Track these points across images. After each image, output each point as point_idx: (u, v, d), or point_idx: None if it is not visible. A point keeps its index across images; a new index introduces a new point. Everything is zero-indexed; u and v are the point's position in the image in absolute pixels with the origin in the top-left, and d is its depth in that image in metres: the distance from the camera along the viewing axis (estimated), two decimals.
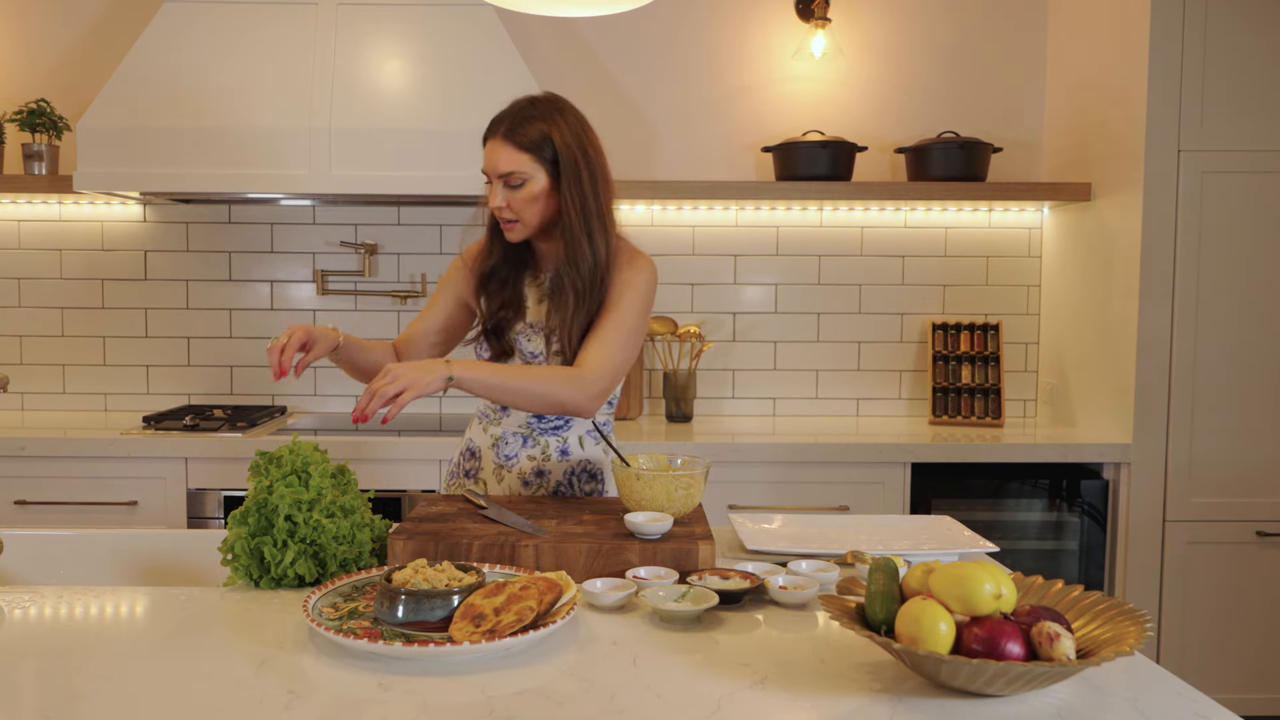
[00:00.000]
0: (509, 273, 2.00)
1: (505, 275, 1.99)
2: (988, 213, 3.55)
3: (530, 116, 1.88)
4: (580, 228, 1.88)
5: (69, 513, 2.92)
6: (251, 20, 3.08)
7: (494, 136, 1.89)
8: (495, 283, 1.99)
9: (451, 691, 1.16)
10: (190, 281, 3.48)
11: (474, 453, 2.05)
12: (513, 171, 1.86)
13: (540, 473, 1.99)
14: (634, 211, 3.51)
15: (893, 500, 3.00)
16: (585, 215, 1.88)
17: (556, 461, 2.00)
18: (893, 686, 1.18)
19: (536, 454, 1.99)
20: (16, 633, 1.37)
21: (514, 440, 2.00)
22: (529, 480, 1.99)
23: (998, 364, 3.46)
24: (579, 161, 1.88)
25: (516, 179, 1.87)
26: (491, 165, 1.88)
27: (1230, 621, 3.03)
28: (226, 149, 2.99)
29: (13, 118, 3.25)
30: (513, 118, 1.89)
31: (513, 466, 1.99)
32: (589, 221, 1.89)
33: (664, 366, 3.46)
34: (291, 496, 1.53)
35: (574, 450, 2.01)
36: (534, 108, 1.90)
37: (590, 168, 1.89)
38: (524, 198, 1.88)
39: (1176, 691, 1.18)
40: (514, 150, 1.86)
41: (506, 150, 1.86)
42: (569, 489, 2.01)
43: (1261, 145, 2.96)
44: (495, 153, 1.88)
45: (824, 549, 1.72)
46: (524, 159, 1.86)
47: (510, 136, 1.87)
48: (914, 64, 3.52)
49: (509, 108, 1.92)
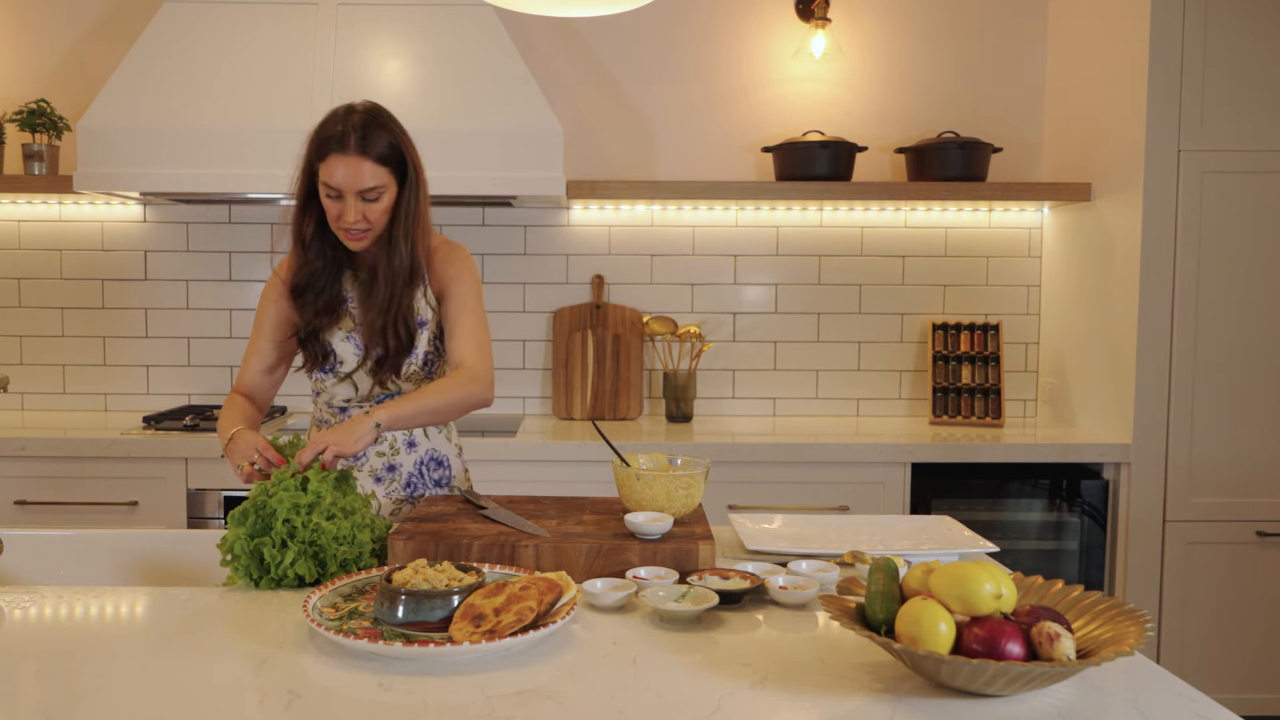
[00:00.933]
0: (328, 278, 1.98)
1: (324, 282, 1.97)
2: (988, 213, 3.56)
3: (374, 128, 1.86)
4: (405, 232, 1.92)
5: (69, 513, 2.92)
6: (251, 20, 3.08)
7: (346, 151, 1.83)
8: (312, 291, 1.97)
9: (451, 691, 1.16)
10: (190, 281, 3.48)
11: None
12: (375, 185, 1.85)
13: (391, 467, 2.00)
14: (634, 211, 3.51)
15: (893, 500, 3.00)
16: (414, 220, 1.93)
17: (405, 454, 2.01)
18: (893, 686, 1.18)
19: (385, 449, 2.00)
20: (16, 633, 1.37)
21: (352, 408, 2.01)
22: (381, 476, 1.99)
23: (998, 364, 3.46)
24: (418, 170, 1.92)
25: (375, 193, 1.86)
26: (351, 181, 1.84)
27: (1230, 621, 3.02)
28: (226, 149, 2.99)
29: (13, 118, 3.25)
30: (360, 130, 1.85)
31: (363, 466, 1.99)
32: (415, 226, 1.93)
33: (664, 366, 3.46)
34: (290, 500, 1.54)
35: (420, 440, 2.02)
36: (375, 118, 1.88)
37: (421, 174, 1.93)
38: (381, 208, 1.88)
39: (1176, 691, 1.18)
40: (374, 165, 1.84)
41: (368, 165, 1.84)
42: (419, 479, 2.02)
43: (1261, 145, 2.96)
44: (355, 168, 1.83)
45: (824, 549, 1.72)
46: (383, 172, 1.86)
47: (368, 151, 1.84)
48: (914, 64, 3.52)
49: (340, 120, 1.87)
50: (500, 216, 3.49)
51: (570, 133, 3.41)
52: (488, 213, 3.49)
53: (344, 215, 1.86)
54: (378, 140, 1.85)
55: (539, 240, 3.50)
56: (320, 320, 1.97)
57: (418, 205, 1.93)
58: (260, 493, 1.56)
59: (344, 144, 1.84)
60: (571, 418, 3.44)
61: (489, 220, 3.49)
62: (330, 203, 1.87)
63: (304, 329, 1.98)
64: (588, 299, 3.52)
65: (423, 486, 2.02)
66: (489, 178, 3.01)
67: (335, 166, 1.84)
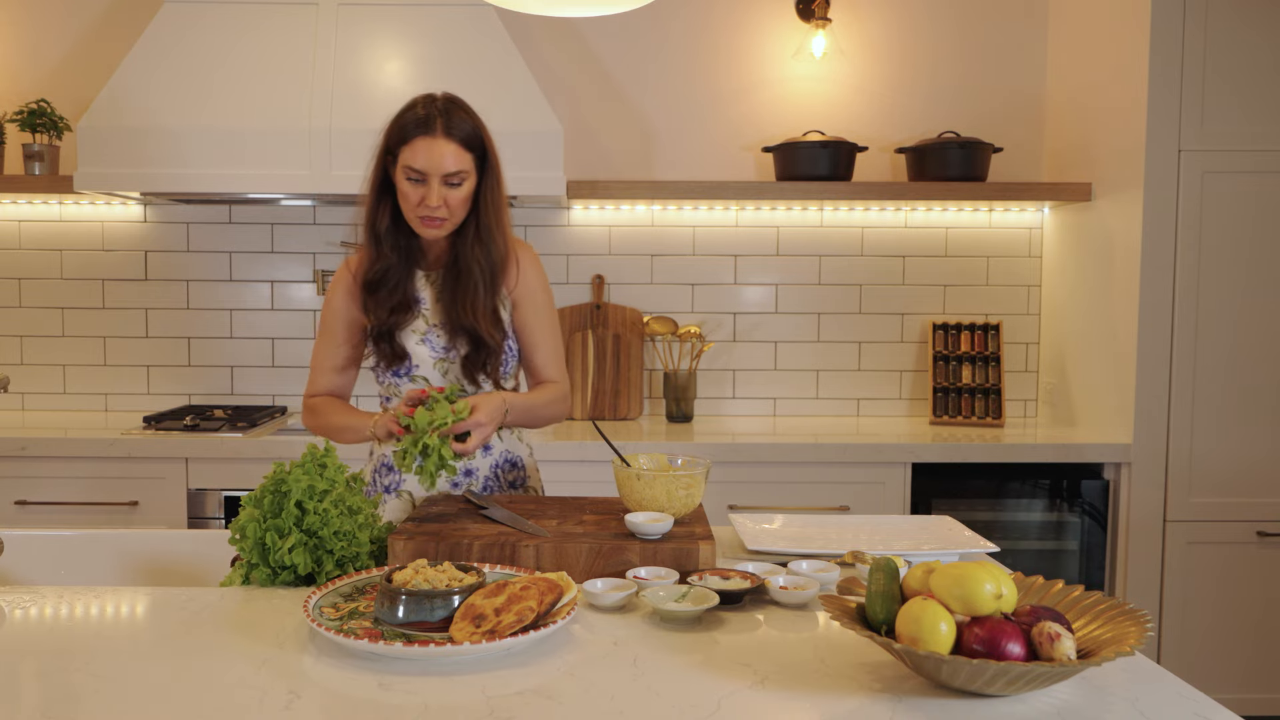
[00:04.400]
0: (400, 274, 1.95)
1: (397, 278, 1.94)
2: (988, 213, 3.55)
3: (456, 113, 1.86)
4: (495, 222, 1.92)
5: (69, 513, 2.92)
6: (251, 20, 3.08)
7: (432, 134, 1.83)
8: (385, 288, 1.94)
9: (452, 692, 1.16)
10: (190, 281, 3.49)
11: (391, 466, 2.01)
12: (459, 170, 1.84)
13: (468, 472, 1.99)
14: (634, 211, 3.51)
15: (893, 500, 3.00)
16: (500, 210, 1.93)
17: (482, 458, 2.00)
18: (893, 686, 1.18)
19: None
20: (16, 633, 1.37)
21: None
22: (458, 481, 1.98)
23: (998, 364, 3.46)
24: (496, 159, 1.91)
25: (459, 178, 1.85)
26: (436, 164, 1.83)
27: (1230, 621, 3.02)
28: (226, 149, 2.99)
29: (13, 118, 3.25)
30: (445, 113, 1.85)
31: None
32: (501, 216, 1.93)
33: (664, 366, 3.46)
34: (307, 481, 1.54)
35: (494, 443, 2.02)
36: (458, 104, 1.89)
37: (499, 166, 1.92)
38: (462, 196, 1.86)
39: (1177, 691, 1.18)
40: (460, 149, 1.84)
41: (453, 148, 1.83)
42: (495, 481, 2.01)
43: (1261, 145, 2.96)
44: (440, 150, 1.83)
45: (824, 549, 1.72)
46: (468, 158, 1.85)
47: (453, 134, 1.84)
48: (914, 64, 3.52)
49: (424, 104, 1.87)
50: None
51: (570, 133, 3.41)
52: None
53: (426, 199, 1.83)
54: (462, 125, 1.85)
55: (539, 240, 3.50)
56: (395, 319, 1.93)
57: (500, 194, 1.92)
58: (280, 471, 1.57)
59: (430, 126, 1.83)
60: (572, 418, 3.44)
61: None
62: (411, 187, 1.85)
63: (377, 328, 1.94)
64: (588, 299, 3.52)
65: (498, 489, 2.02)
66: None
67: (419, 149, 1.82)
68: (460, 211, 1.88)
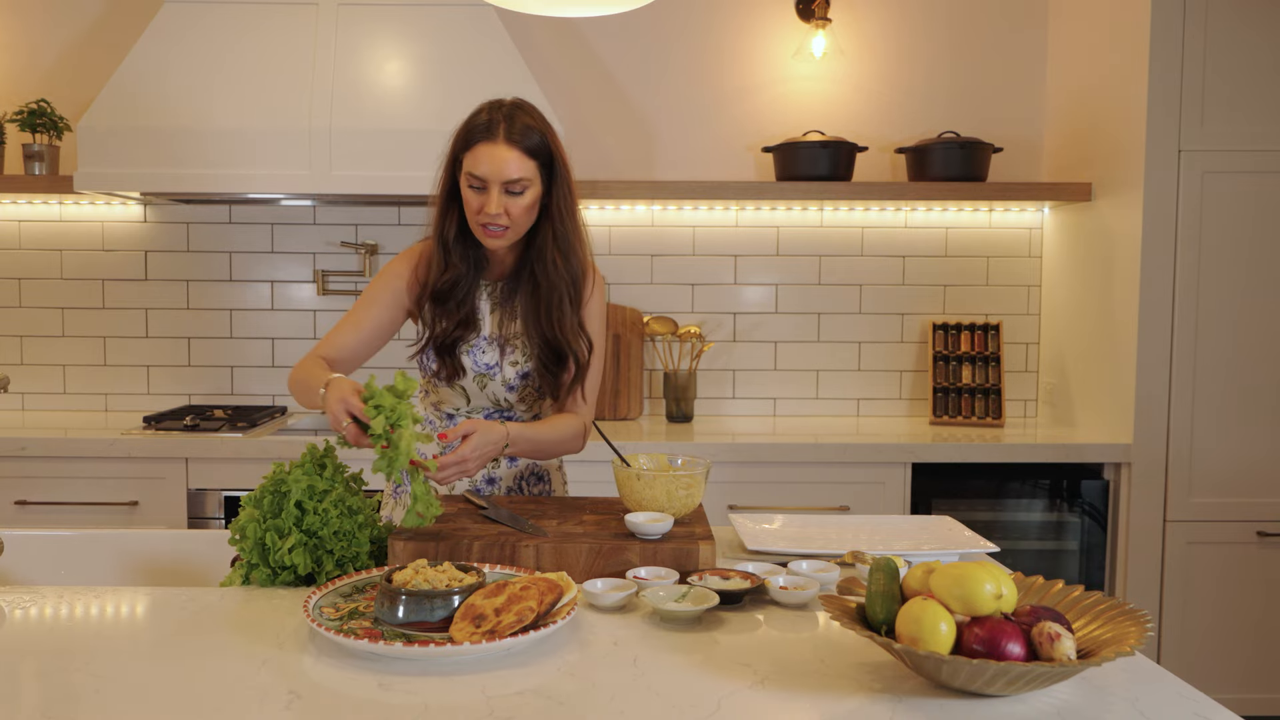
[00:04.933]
0: (469, 285, 1.90)
1: (466, 289, 1.90)
2: (988, 213, 3.55)
3: (522, 119, 1.81)
4: (573, 231, 1.88)
5: (69, 513, 2.92)
6: (251, 20, 3.08)
7: (494, 140, 1.79)
8: (454, 299, 1.89)
9: (452, 692, 1.16)
10: (190, 282, 3.49)
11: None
12: (520, 178, 1.79)
13: (491, 480, 1.98)
14: (634, 211, 3.51)
15: (893, 500, 3.00)
16: (573, 218, 1.88)
17: (507, 467, 1.99)
18: (893, 686, 1.18)
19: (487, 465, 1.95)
20: (16, 633, 1.37)
21: None
22: (480, 487, 1.98)
23: (998, 364, 3.46)
24: (566, 168, 1.86)
25: (521, 185, 1.80)
26: (497, 171, 1.78)
27: (1230, 621, 3.02)
28: (226, 149, 2.99)
29: (13, 118, 3.25)
30: (508, 119, 1.80)
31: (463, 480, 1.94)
32: (576, 226, 1.89)
33: (664, 366, 3.46)
34: (307, 481, 1.54)
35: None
36: (524, 109, 1.84)
37: (569, 174, 1.87)
38: (525, 205, 1.82)
39: (1177, 691, 1.18)
40: (523, 155, 1.79)
41: (515, 155, 1.78)
42: (518, 492, 2.00)
43: (1261, 145, 2.96)
44: (502, 157, 1.78)
45: (824, 549, 1.72)
46: (531, 165, 1.81)
47: (517, 141, 1.79)
48: (914, 64, 3.52)
49: (488, 110, 1.83)
50: None
51: (570, 133, 3.41)
52: None
53: (486, 207, 1.79)
54: (526, 131, 1.80)
55: None
56: (460, 332, 1.89)
57: (573, 202, 1.88)
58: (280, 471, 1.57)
59: (492, 132, 1.79)
60: None
61: None
62: (472, 194, 1.81)
63: (443, 339, 1.89)
64: None
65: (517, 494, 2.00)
66: None
67: (481, 155, 1.78)
68: (523, 221, 1.83)
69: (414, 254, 1.94)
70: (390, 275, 1.93)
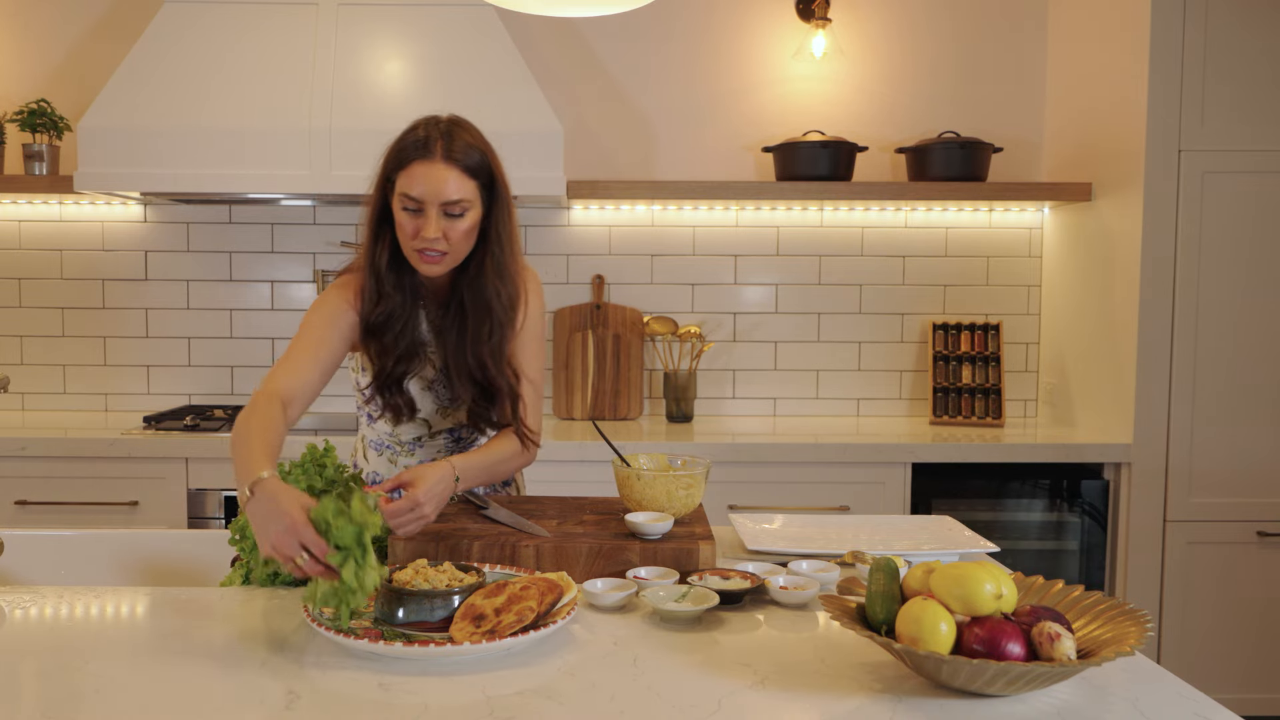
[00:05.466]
0: (408, 316, 1.76)
1: (405, 320, 1.76)
2: (988, 213, 3.55)
3: (461, 136, 1.68)
4: (510, 255, 1.75)
5: (69, 513, 2.92)
6: (251, 20, 3.08)
7: (431, 158, 1.65)
8: (391, 332, 1.75)
9: (452, 691, 1.16)
10: (191, 282, 3.48)
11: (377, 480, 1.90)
12: (460, 199, 1.66)
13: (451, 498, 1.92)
14: (634, 211, 3.51)
15: (893, 500, 3.00)
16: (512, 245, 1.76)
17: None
18: (893, 686, 1.18)
19: None
20: (16, 633, 1.37)
21: None
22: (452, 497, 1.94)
23: (998, 364, 3.46)
24: (506, 188, 1.74)
25: (460, 208, 1.66)
26: (435, 191, 1.64)
27: (1230, 621, 3.02)
28: (226, 149, 2.99)
29: (13, 118, 3.25)
30: (446, 137, 1.67)
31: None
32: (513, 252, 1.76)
33: (664, 366, 3.46)
34: (306, 482, 1.54)
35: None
36: (463, 126, 1.71)
37: (509, 195, 1.75)
38: (465, 228, 1.68)
39: (1177, 691, 1.18)
40: (462, 175, 1.66)
41: (455, 174, 1.65)
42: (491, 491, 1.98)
43: (1261, 145, 2.96)
44: (441, 177, 1.64)
45: (824, 549, 1.72)
46: (471, 186, 1.67)
47: (457, 159, 1.66)
48: (914, 64, 3.52)
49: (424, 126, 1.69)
50: None
51: (570, 133, 3.41)
52: None
53: (423, 231, 1.65)
54: (466, 150, 1.67)
55: (539, 240, 3.50)
56: (402, 367, 1.76)
57: (511, 226, 1.75)
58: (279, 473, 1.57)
59: (429, 149, 1.65)
60: (572, 418, 3.44)
61: None
62: (407, 218, 1.67)
63: (384, 377, 1.77)
64: (588, 299, 3.52)
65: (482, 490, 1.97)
66: None
67: (417, 175, 1.65)
68: (463, 246, 1.70)
69: (348, 289, 1.77)
70: (337, 304, 1.75)
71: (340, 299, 1.76)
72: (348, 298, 1.76)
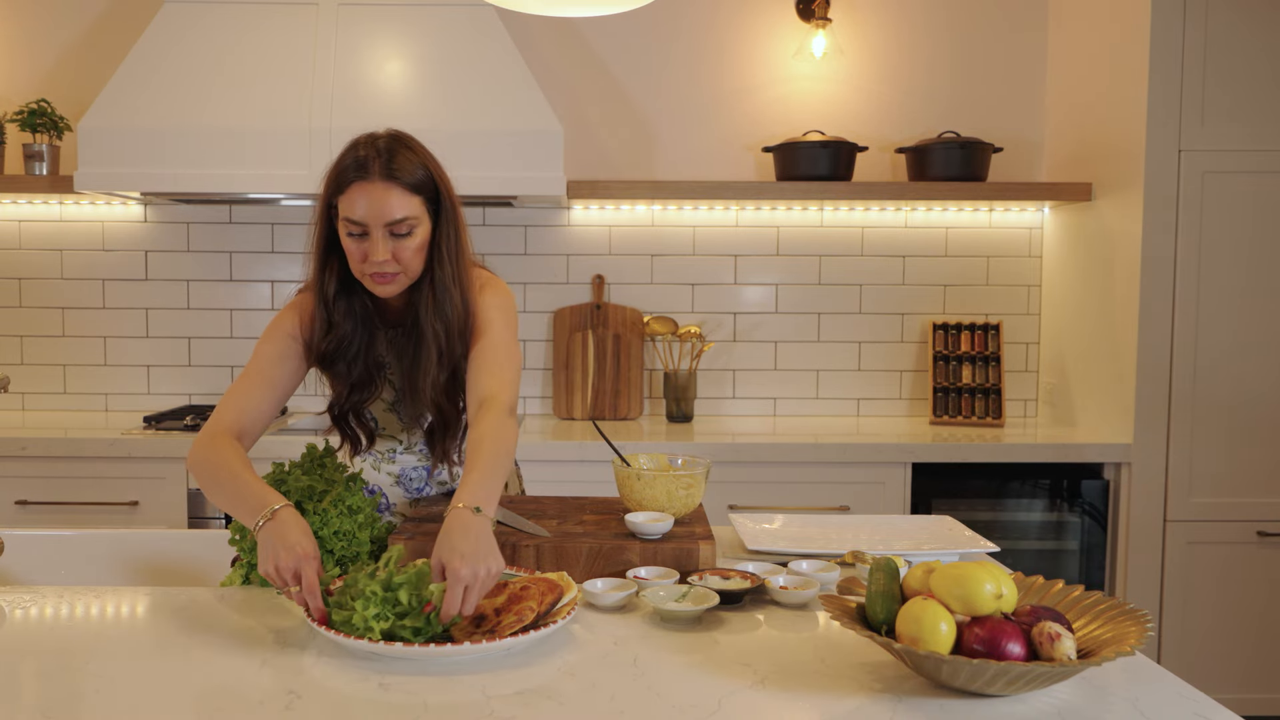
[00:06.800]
0: (360, 342, 1.70)
1: (357, 348, 1.70)
2: (988, 213, 3.55)
3: (401, 153, 1.62)
4: (453, 276, 1.67)
5: (69, 513, 2.92)
6: (251, 20, 3.08)
7: (369, 178, 1.58)
8: (344, 360, 1.69)
9: (452, 691, 1.16)
10: (191, 282, 3.48)
11: (371, 490, 1.85)
12: (406, 217, 1.60)
13: (451, 492, 1.89)
14: (634, 211, 3.51)
15: (893, 500, 3.00)
16: (457, 261, 1.68)
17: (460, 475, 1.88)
18: (893, 686, 1.18)
19: (445, 477, 1.89)
20: (16, 633, 1.37)
21: (416, 474, 1.86)
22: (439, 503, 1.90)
23: (998, 364, 3.46)
24: (453, 201, 1.68)
25: (406, 226, 1.60)
26: (377, 213, 1.58)
27: (1230, 621, 3.02)
28: (226, 149, 2.99)
29: (13, 118, 3.25)
30: (385, 153, 1.60)
31: (427, 492, 1.89)
32: (460, 268, 1.68)
33: (664, 366, 3.46)
34: (306, 481, 1.55)
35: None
36: (400, 140, 1.65)
37: (458, 208, 1.69)
38: (415, 246, 1.62)
39: (1177, 691, 1.18)
40: (405, 192, 1.60)
41: (397, 193, 1.58)
42: None
43: (1261, 145, 2.96)
44: (383, 197, 1.57)
45: (824, 549, 1.72)
46: (415, 202, 1.61)
47: (397, 177, 1.59)
48: (914, 64, 3.52)
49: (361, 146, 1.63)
50: (500, 216, 3.49)
51: (570, 133, 3.41)
52: (488, 213, 3.49)
53: (371, 254, 1.59)
54: (406, 164, 1.61)
55: (539, 240, 3.50)
56: (357, 396, 1.72)
57: (458, 241, 1.68)
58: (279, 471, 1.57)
59: (366, 170, 1.59)
60: (572, 418, 3.44)
61: (489, 220, 3.49)
62: (353, 243, 1.61)
63: (339, 407, 1.73)
64: (588, 299, 3.52)
65: None
66: (489, 178, 3.01)
67: (357, 197, 1.58)
68: (415, 263, 1.64)
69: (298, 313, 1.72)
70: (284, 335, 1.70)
71: (286, 331, 1.70)
72: (294, 329, 1.70)
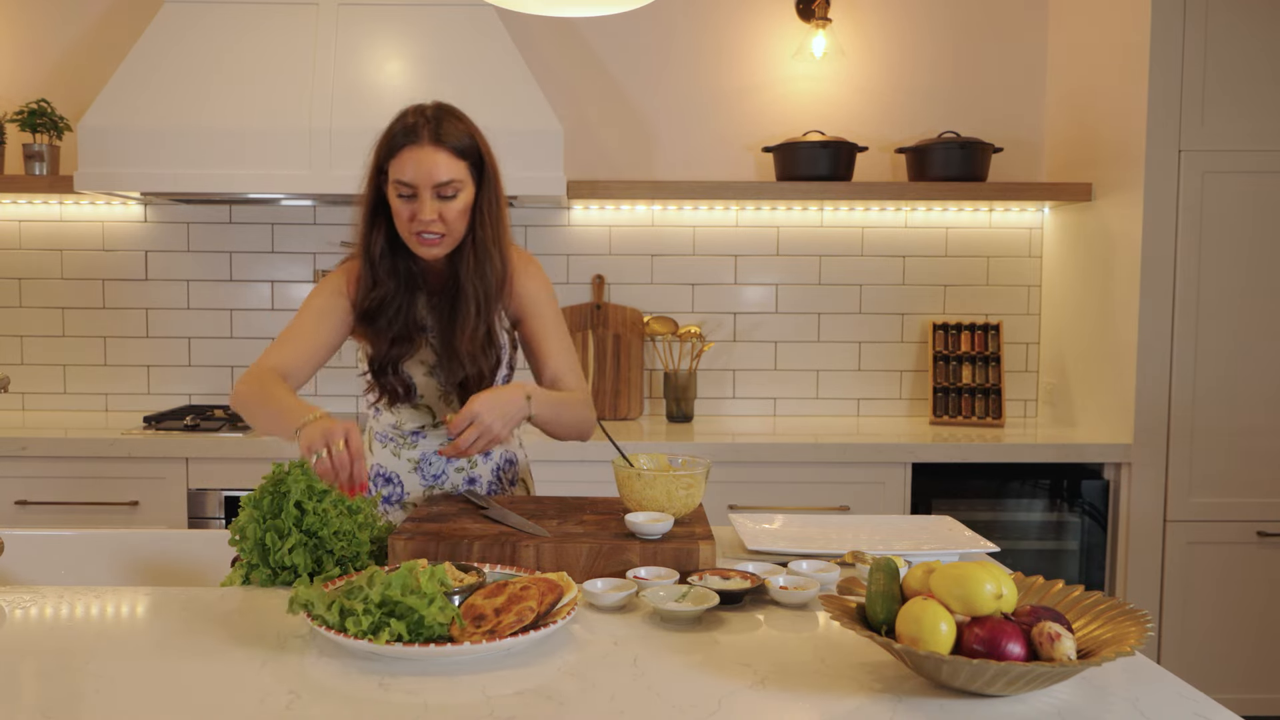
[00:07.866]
0: (402, 301, 1.83)
1: (398, 305, 1.82)
2: (988, 213, 3.55)
3: (449, 120, 1.76)
4: (493, 238, 1.80)
5: (69, 513, 2.92)
6: (251, 20, 3.08)
7: (420, 143, 1.73)
8: (385, 317, 1.82)
9: (452, 691, 1.16)
10: (191, 281, 3.49)
11: (388, 478, 1.95)
12: (452, 179, 1.73)
13: (472, 480, 1.95)
14: (634, 211, 3.51)
15: (893, 500, 3.00)
16: (498, 224, 1.81)
17: (483, 464, 1.96)
18: (893, 686, 1.18)
19: (463, 463, 1.94)
20: (16, 633, 1.37)
21: (437, 459, 1.93)
22: (461, 490, 1.95)
23: (998, 364, 3.46)
24: (495, 169, 1.80)
25: (452, 188, 1.74)
26: (426, 174, 1.72)
27: (1230, 621, 3.02)
28: (226, 149, 2.99)
29: (13, 118, 3.25)
30: (434, 121, 1.75)
31: (444, 483, 1.94)
32: (499, 231, 1.81)
33: (664, 366, 3.46)
34: (306, 481, 1.55)
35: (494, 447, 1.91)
36: (449, 110, 1.79)
37: (499, 175, 1.82)
38: (459, 209, 1.75)
39: (1177, 691, 1.18)
40: (452, 156, 1.73)
41: (445, 156, 1.72)
42: (498, 486, 1.98)
43: (1261, 145, 2.96)
44: (431, 159, 1.72)
45: (824, 549, 1.72)
46: (461, 166, 1.75)
47: (444, 141, 1.73)
48: (914, 64, 3.52)
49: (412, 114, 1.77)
50: None
51: (570, 133, 3.41)
52: None
53: (419, 214, 1.73)
54: (453, 131, 1.74)
55: (539, 240, 3.50)
56: (396, 351, 1.82)
57: (499, 207, 1.81)
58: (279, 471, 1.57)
59: (417, 135, 1.73)
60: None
61: None
62: (402, 203, 1.74)
63: (379, 361, 1.83)
64: (588, 299, 3.52)
65: (499, 489, 1.99)
66: None
67: (408, 160, 1.72)
68: (459, 226, 1.77)
69: (344, 277, 1.87)
70: (333, 292, 1.85)
71: (334, 288, 1.85)
72: (342, 286, 1.85)
